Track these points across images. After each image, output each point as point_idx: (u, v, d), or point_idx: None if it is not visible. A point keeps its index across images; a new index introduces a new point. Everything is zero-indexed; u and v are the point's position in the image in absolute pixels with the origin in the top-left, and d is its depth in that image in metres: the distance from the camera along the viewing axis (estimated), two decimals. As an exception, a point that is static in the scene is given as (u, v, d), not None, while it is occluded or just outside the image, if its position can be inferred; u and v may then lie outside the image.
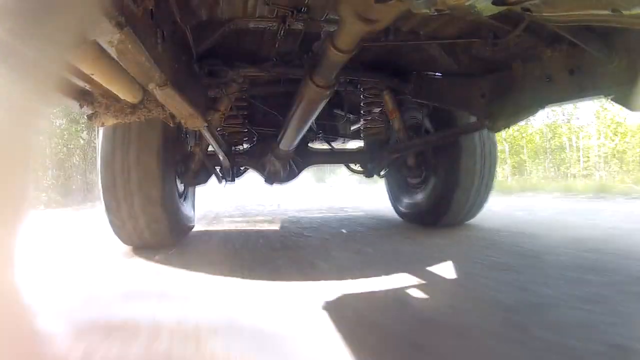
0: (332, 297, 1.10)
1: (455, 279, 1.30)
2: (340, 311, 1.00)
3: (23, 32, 0.70)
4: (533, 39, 1.35)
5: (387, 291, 1.17)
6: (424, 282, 1.24)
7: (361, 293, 1.16)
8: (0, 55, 0.82)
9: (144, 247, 1.87)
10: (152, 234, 1.82)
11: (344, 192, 9.25)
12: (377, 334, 0.86)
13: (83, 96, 1.15)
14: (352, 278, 1.28)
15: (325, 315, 0.96)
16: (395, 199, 2.87)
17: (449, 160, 2.25)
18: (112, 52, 0.79)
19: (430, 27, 1.49)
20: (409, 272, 1.33)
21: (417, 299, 1.10)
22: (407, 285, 1.21)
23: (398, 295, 1.12)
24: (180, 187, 2.18)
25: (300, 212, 3.89)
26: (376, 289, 1.19)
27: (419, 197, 2.52)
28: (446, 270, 1.37)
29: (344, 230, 2.48)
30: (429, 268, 1.40)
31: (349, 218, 3.21)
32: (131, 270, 1.53)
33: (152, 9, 0.90)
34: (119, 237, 1.86)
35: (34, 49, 0.75)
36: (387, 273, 1.34)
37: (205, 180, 2.29)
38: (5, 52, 0.80)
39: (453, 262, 1.47)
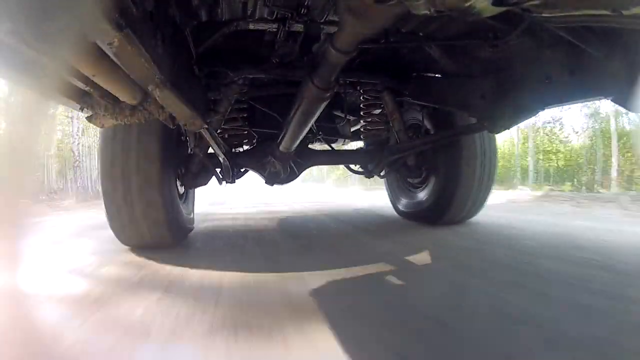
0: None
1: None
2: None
3: (23, 34, 0.70)
4: (533, 40, 1.35)
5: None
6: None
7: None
8: (1, 57, 0.82)
9: (144, 248, 1.87)
10: (152, 235, 1.82)
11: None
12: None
13: (83, 97, 1.15)
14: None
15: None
16: (395, 199, 2.87)
17: (449, 160, 2.25)
18: (112, 53, 0.79)
19: (429, 28, 1.49)
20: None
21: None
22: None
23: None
24: (181, 188, 2.18)
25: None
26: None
27: (419, 196, 2.53)
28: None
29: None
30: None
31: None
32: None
33: (151, 11, 0.90)
34: (119, 237, 1.86)
35: (34, 50, 0.75)
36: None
37: (205, 182, 2.29)
38: (5, 53, 0.80)
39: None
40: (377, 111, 2.31)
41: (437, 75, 2.00)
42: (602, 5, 0.80)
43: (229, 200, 5.83)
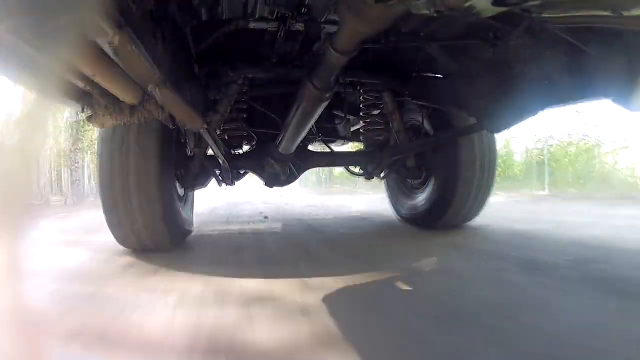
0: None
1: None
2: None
3: (23, 33, 0.70)
4: (533, 40, 1.35)
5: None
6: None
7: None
8: (1, 56, 0.82)
9: (143, 250, 1.86)
10: (151, 237, 1.81)
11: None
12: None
13: (83, 97, 1.15)
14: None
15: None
16: (395, 201, 2.86)
17: (449, 161, 2.24)
18: (112, 53, 0.79)
19: (430, 28, 1.49)
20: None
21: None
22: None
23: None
24: (180, 190, 2.17)
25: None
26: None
27: (419, 198, 2.52)
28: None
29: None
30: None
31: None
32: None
33: (152, 10, 0.90)
34: (118, 239, 1.85)
35: (34, 49, 0.75)
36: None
37: (205, 184, 2.29)
38: (5, 52, 0.79)
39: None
40: (377, 111, 2.31)
41: (437, 76, 2.00)
42: (602, 6, 0.80)
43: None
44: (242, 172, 2.39)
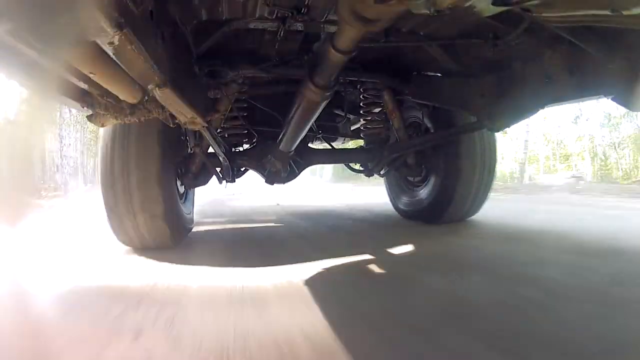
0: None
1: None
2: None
3: (23, 33, 0.70)
4: (533, 39, 1.34)
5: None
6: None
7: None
8: (1, 57, 0.82)
9: (144, 249, 1.87)
10: (152, 235, 1.82)
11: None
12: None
13: (83, 97, 1.15)
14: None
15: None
16: (395, 198, 2.87)
17: (449, 159, 2.25)
18: (112, 52, 0.79)
19: (430, 28, 1.49)
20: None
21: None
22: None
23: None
24: (181, 188, 2.18)
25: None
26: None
27: (419, 195, 2.52)
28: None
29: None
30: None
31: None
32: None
33: (151, 10, 0.90)
34: (118, 237, 1.86)
35: (34, 50, 0.75)
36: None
37: (205, 182, 2.29)
38: (5, 53, 0.79)
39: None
40: (377, 110, 2.31)
41: (437, 74, 2.00)
42: (602, 5, 0.80)
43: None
44: (242, 170, 2.39)
